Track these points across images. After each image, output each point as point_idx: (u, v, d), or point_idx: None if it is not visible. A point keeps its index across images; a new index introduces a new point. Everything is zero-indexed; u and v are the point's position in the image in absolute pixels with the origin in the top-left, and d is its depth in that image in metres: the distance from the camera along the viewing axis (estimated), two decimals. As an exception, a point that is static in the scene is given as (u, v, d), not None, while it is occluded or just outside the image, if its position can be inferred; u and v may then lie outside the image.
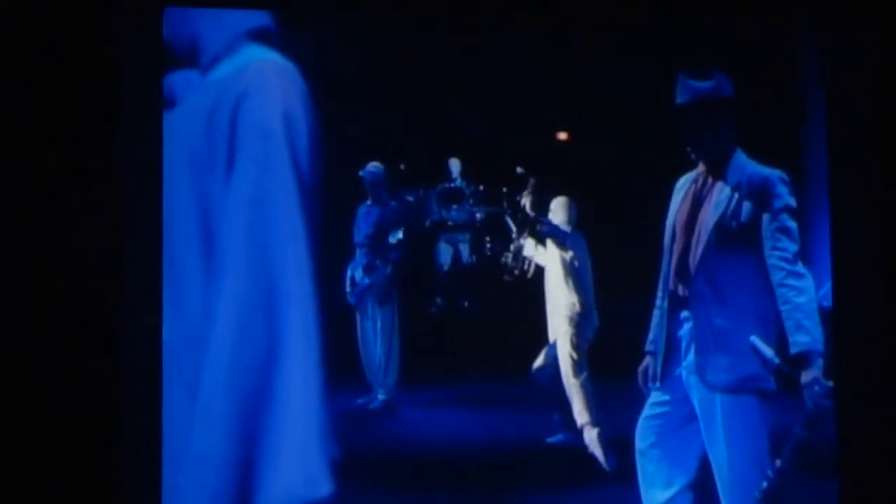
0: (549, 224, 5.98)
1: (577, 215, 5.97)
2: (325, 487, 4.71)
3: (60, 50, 4.84)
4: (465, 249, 6.26)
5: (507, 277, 6.01)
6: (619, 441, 5.23)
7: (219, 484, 4.64)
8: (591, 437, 5.64)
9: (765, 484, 4.89)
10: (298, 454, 4.67)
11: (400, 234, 6.14)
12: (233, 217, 4.61)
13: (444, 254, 6.28)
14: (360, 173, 5.97)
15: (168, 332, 4.70)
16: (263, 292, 4.63)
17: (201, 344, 4.63)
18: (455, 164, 6.23)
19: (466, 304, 6.14)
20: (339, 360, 5.22)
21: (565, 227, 5.96)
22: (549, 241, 5.96)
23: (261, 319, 4.66)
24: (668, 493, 5.07)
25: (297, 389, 4.62)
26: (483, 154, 6.06)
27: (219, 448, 4.63)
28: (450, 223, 6.24)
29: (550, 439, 5.73)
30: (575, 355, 5.82)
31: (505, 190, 6.08)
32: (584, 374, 5.79)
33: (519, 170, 6.03)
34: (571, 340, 5.85)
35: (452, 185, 6.23)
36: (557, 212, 6.00)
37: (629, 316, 5.34)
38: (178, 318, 4.72)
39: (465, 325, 6.06)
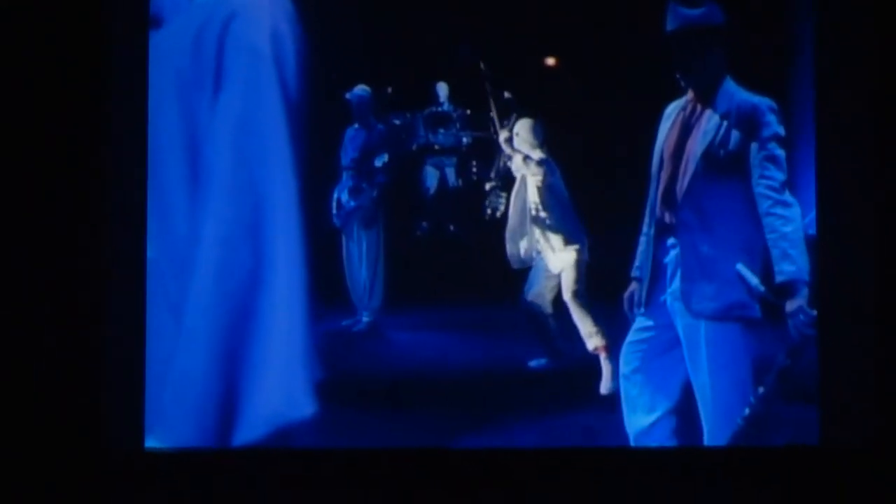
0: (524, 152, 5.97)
1: (544, 137, 5.93)
2: (308, 408, 4.73)
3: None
4: (451, 173, 6.25)
5: (492, 202, 6.01)
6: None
7: (203, 404, 4.66)
8: (604, 360, 5.66)
9: (747, 410, 4.95)
10: (282, 375, 4.69)
11: (385, 158, 6.12)
12: (220, 139, 4.59)
13: (431, 178, 6.27)
14: (347, 96, 5.94)
15: (153, 252, 4.69)
16: (249, 214, 4.62)
17: (187, 265, 4.63)
18: (442, 89, 6.21)
19: (452, 227, 6.14)
20: (325, 283, 5.23)
21: (533, 151, 5.93)
22: (529, 166, 5.93)
23: (246, 241, 4.65)
24: (650, 418, 5.12)
25: (282, 311, 4.63)
26: (470, 79, 6.03)
27: (203, 369, 4.65)
28: (436, 147, 6.23)
29: (533, 363, 5.75)
30: (575, 277, 5.82)
31: (492, 115, 6.06)
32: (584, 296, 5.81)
33: (506, 94, 6.00)
34: (575, 265, 5.84)
35: (440, 109, 6.21)
36: (523, 134, 5.97)
37: (615, 242, 5.36)
38: (164, 239, 4.72)
39: (450, 248, 6.07)
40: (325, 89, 5.44)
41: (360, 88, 5.97)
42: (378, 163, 6.10)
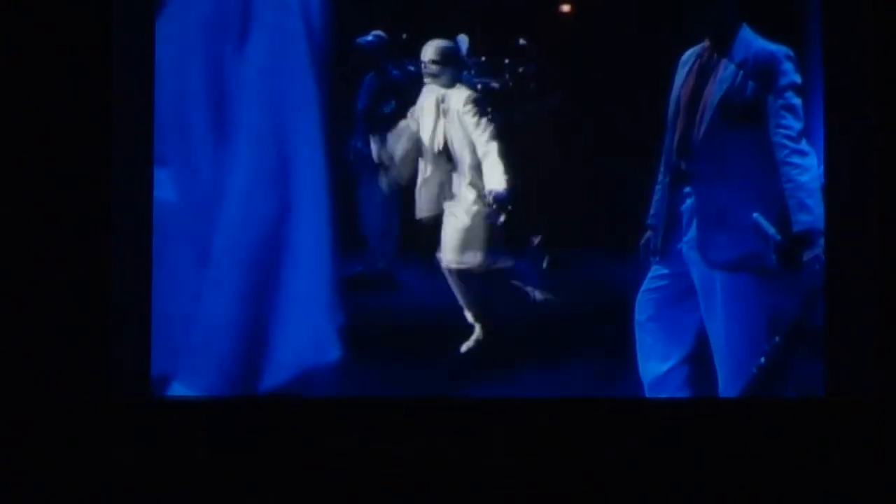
0: None
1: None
2: (333, 352, 4.76)
3: None
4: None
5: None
6: (619, 313, 5.28)
7: (229, 349, 4.68)
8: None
9: (762, 360, 4.97)
10: (308, 320, 4.71)
11: (393, 105, 6.11)
12: (246, 85, 4.59)
13: (445, 124, 6.25)
14: (359, 41, 5.92)
15: (177, 198, 4.70)
16: (275, 161, 4.63)
17: (212, 209, 4.64)
18: (459, 38, 6.19)
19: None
20: (345, 229, 5.25)
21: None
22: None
23: (272, 187, 4.67)
24: (664, 366, 5.15)
25: (307, 256, 4.65)
26: (485, 25, 6.01)
27: (229, 314, 4.66)
28: (452, 93, 6.20)
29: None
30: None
31: (507, 62, 6.05)
32: None
33: (521, 41, 5.98)
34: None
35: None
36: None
37: (632, 190, 5.36)
38: (190, 183, 4.72)
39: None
40: (347, 35, 5.44)
41: (373, 34, 5.96)
42: (387, 110, 6.10)
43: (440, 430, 4.92)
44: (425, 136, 5.65)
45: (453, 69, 5.64)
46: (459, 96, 5.65)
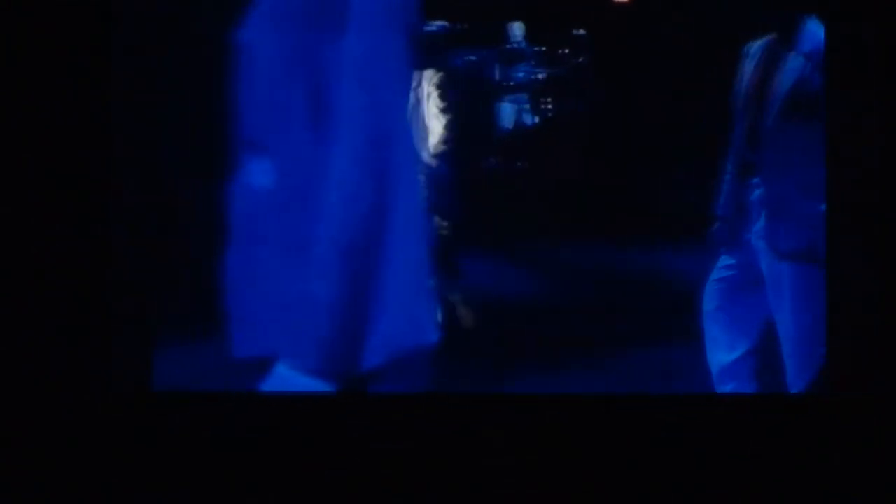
0: None
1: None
2: (432, 335, 4.81)
3: None
4: (525, 110, 6.26)
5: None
6: (688, 302, 5.29)
7: (331, 331, 4.73)
8: None
9: (829, 351, 4.97)
10: (407, 303, 4.75)
11: (454, 95, 6.14)
12: (344, 72, 4.62)
13: (504, 114, 6.28)
14: (428, 30, 5.93)
15: (273, 183, 4.75)
16: (374, 146, 4.67)
17: (309, 195, 4.68)
18: (517, 27, 6.21)
19: (520, 164, 6.16)
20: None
21: None
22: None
23: (371, 174, 4.70)
24: (732, 356, 5.16)
25: (405, 241, 4.69)
26: (544, 16, 6.03)
27: (331, 296, 4.71)
28: (511, 84, 6.24)
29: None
30: None
31: (567, 52, 6.07)
32: None
33: (578, 31, 6.01)
34: None
35: (515, 46, 6.21)
36: None
37: (701, 181, 5.37)
38: (285, 170, 4.76)
39: (523, 184, 6.09)
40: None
41: (435, 24, 5.98)
42: (449, 99, 6.11)
43: (438, 429, 4.92)
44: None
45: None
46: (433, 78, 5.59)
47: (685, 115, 5.60)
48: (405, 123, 4.80)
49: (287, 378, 4.79)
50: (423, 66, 5.70)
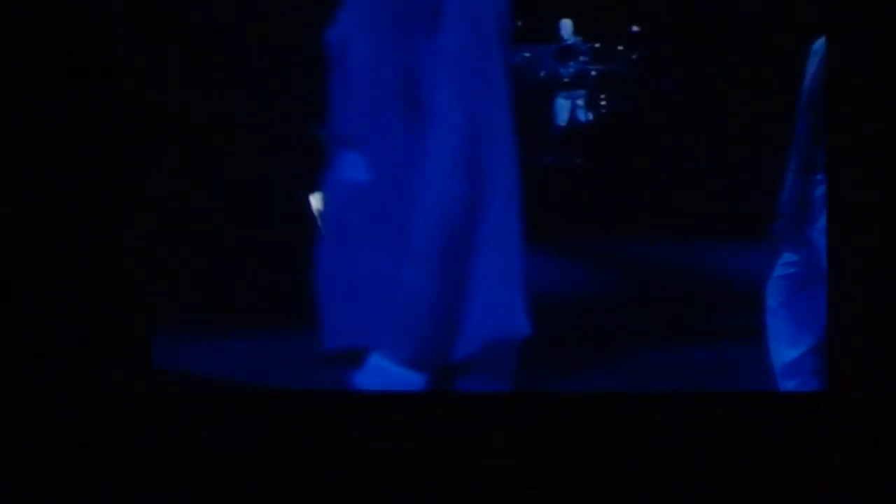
0: None
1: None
2: (524, 327, 4.85)
3: None
4: (579, 106, 6.29)
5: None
6: (750, 298, 5.31)
7: (426, 321, 4.79)
8: None
9: (894, 348, 4.98)
10: (500, 296, 4.81)
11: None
12: (439, 69, 4.68)
13: (560, 109, 6.32)
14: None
15: (368, 177, 4.83)
16: (469, 141, 4.72)
17: (404, 189, 4.75)
18: (569, 24, 6.25)
19: (578, 160, 6.20)
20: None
21: None
22: None
23: (466, 168, 4.76)
24: (795, 352, 5.17)
25: (500, 235, 4.75)
26: (597, 13, 6.06)
27: (426, 288, 4.78)
28: (566, 80, 6.27)
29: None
30: None
31: (620, 48, 6.09)
32: None
33: (634, 28, 6.04)
34: None
35: (569, 42, 6.24)
36: None
37: (764, 177, 5.39)
38: (380, 165, 4.83)
39: (579, 180, 6.13)
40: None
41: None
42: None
43: (438, 429, 4.94)
44: None
45: None
46: None
47: (745, 112, 5.63)
48: (501, 119, 4.85)
49: (380, 369, 4.85)
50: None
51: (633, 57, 6.07)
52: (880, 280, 4.83)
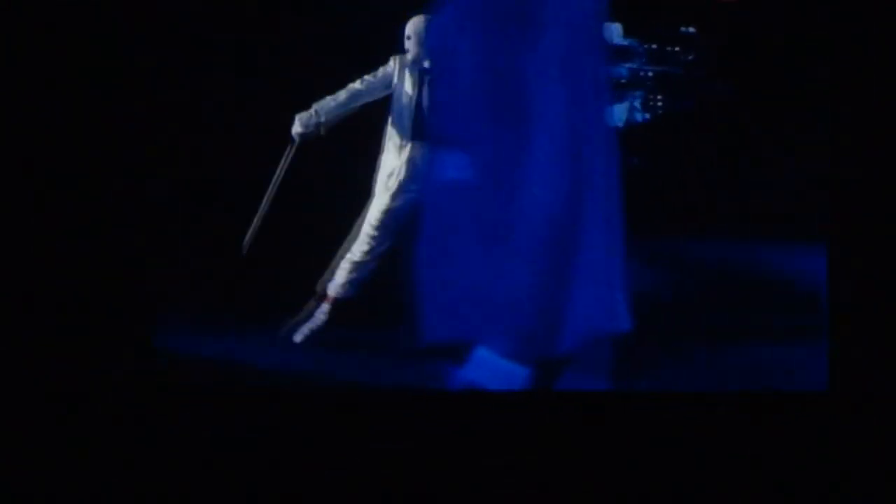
0: None
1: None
2: (625, 322, 4.94)
3: None
4: (636, 107, 6.35)
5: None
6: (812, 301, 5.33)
7: (530, 315, 4.89)
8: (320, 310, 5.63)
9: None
10: (602, 290, 4.90)
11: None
12: (541, 72, 4.79)
13: (616, 111, 6.37)
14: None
15: (468, 175, 4.93)
16: (568, 139, 4.82)
17: (508, 187, 4.85)
18: (622, 27, 6.29)
19: (635, 160, 6.26)
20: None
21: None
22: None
23: (566, 165, 4.86)
24: None
25: (600, 231, 4.85)
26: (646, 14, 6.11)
27: (529, 282, 4.88)
28: (622, 81, 6.34)
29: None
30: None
31: (677, 49, 6.16)
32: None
33: (689, 29, 6.10)
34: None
35: (624, 44, 6.30)
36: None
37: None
38: (477, 164, 4.94)
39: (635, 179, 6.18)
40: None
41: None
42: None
43: (438, 429, 4.96)
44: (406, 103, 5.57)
45: None
46: None
47: (799, 112, 5.67)
48: (602, 119, 4.95)
49: (487, 361, 4.97)
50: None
51: (689, 58, 6.13)
52: (880, 281, 4.91)
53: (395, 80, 5.51)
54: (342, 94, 5.51)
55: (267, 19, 5.74)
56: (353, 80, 5.52)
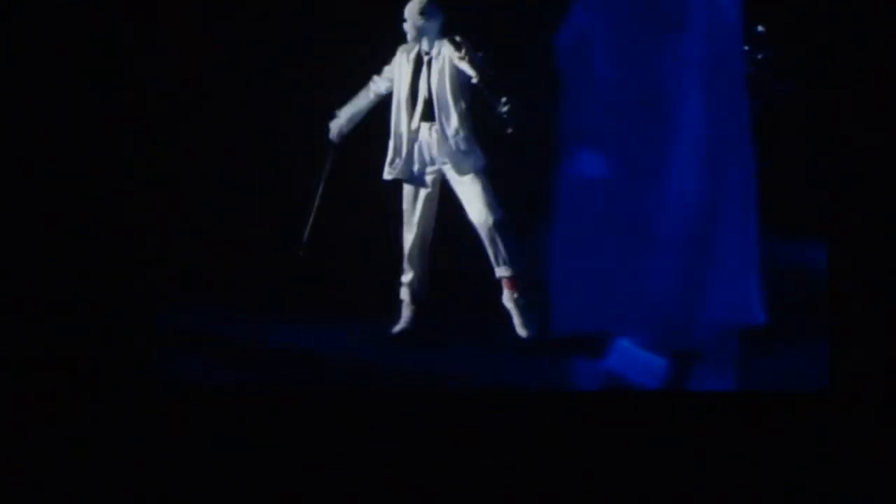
0: None
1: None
2: (760, 315, 5.12)
3: None
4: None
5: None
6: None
7: (670, 307, 5.15)
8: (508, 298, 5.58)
9: None
10: (738, 284, 5.12)
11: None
12: (687, 75, 5.06)
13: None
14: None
15: (610, 173, 5.23)
16: (714, 141, 5.06)
17: (644, 183, 5.12)
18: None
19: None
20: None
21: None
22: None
23: (706, 165, 5.11)
24: None
25: (739, 225, 5.07)
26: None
27: (669, 276, 5.15)
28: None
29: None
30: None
31: (747, 49, 6.11)
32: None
33: (759, 29, 6.05)
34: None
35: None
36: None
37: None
38: (619, 160, 5.23)
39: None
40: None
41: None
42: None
43: (438, 429, 5.03)
44: (404, 90, 5.68)
45: (438, 24, 5.67)
46: (447, 47, 5.61)
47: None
48: (741, 119, 5.13)
49: (628, 351, 5.23)
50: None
51: (759, 56, 6.11)
52: (880, 280, 4.81)
53: (397, 67, 5.70)
54: (358, 95, 5.81)
55: (266, 19, 5.97)
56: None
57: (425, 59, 5.63)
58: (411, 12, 5.65)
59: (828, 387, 4.94)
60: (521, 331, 5.51)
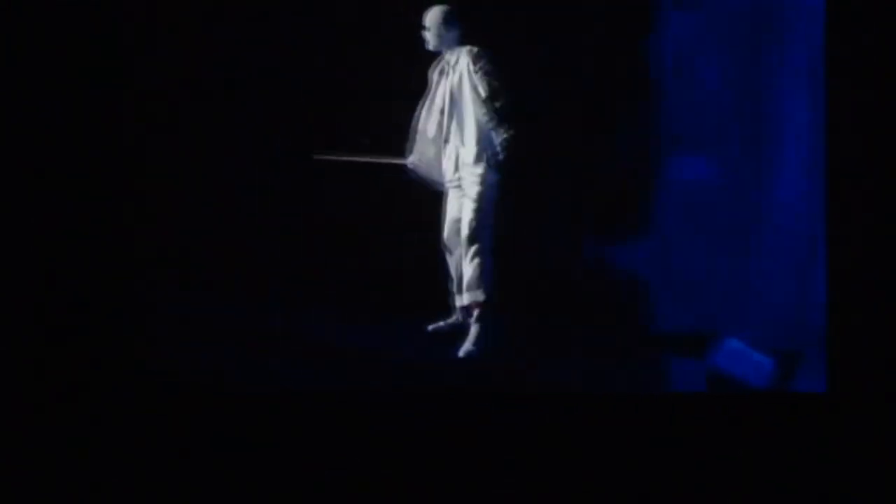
0: None
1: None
2: (818, 317, 5.15)
3: None
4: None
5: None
6: None
7: (776, 306, 5.17)
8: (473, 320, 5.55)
9: None
10: (795, 276, 5.15)
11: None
12: (792, 83, 5.09)
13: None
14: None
15: (716, 178, 5.30)
16: (815, 145, 5.10)
17: (747, 187, 5.14)
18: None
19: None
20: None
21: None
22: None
23: (808, 171, 5.13)
24: None
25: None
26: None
27: (779, 280, 5.19)
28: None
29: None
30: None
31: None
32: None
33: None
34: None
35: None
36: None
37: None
38: (725, 169, 5.28)
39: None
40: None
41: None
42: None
43: (438, 429, 4.99)
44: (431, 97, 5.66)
45: (454, 32, 5.61)
46: (466, 56, 5.57)
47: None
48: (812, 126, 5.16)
49: (739, 351, 5.29)
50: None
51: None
52: (880, 280, 4.80)
53: (430, 73, 5.62)
54: None
55: (266, 19, 5.97)
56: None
57: (446, 67, 5.61)
58: (433, 20, 5.60)
59: (827, 387, 4.93)
60: (469, 347, 5.52)
